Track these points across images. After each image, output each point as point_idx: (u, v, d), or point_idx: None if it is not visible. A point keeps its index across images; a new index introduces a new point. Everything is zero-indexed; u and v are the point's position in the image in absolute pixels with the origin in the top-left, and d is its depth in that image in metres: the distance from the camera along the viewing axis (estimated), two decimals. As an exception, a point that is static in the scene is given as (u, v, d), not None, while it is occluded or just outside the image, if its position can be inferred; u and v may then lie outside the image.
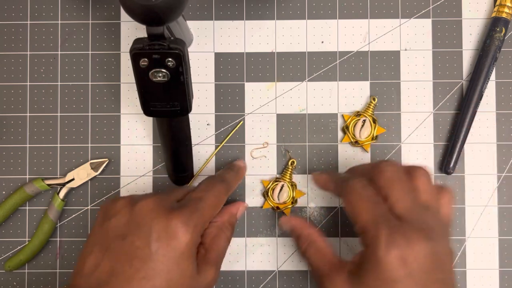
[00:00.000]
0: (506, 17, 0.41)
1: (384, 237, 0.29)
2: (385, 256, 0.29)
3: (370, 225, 0.30)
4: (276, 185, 0.41)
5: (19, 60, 0.42)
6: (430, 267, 0.29)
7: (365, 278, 0.30)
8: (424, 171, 0.33)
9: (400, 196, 0.32)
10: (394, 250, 0.29)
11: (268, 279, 0.42)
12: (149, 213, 0.32)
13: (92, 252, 0.32)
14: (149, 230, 0.31)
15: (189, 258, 0.32)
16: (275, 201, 0.41)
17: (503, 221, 0.42)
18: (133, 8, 0.28)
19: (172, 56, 0.31)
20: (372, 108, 0.41)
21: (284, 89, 0.42)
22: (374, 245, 0.30)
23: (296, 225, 0.37)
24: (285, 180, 0.41)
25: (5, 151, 0.42)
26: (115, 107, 0.42)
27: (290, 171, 0.41)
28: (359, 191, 0.32)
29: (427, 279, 0.29)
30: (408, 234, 0.29)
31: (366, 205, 0.31)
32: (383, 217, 0.31)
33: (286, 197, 0.41)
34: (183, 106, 0.34)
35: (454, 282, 0.32)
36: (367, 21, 0.43)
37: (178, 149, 0.38)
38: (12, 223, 0.42)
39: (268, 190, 0.41)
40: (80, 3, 0.43)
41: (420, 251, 0.29)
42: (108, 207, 0.34)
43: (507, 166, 0.42)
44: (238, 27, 0.43)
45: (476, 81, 0.41)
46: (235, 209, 0.39)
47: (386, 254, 0.29)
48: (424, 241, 0.29)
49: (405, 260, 0.29)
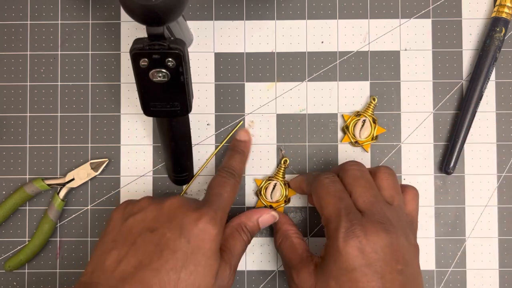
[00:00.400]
0: (506, 17, 0.41)
1: (344, 229, 0.31)
2: (344, 246, 0.31)
3: (333, 217, 0.32)
4: (268, 184, 0.41)
5: (19, 60, 0.42)
6: (389, 258, 0.31)
7: (327, 268, 0.32)
8: (387, 170, 0.35)
9: (362, 192, 0.33)
10: (353, 240, 0.31)
11: (268, 279, 0.42)
12: (179, 208, 0.33)
13: (113, 248, 0.32)
14: (181, 223, 0.32)
15: (215, 254, 0.32)
16: (268, 200, 0.41)
17: (503, 221, 0.42)
18: (133, 8, 0.28)
19: (172, 56, 0.31)
20: (372, 108, 0.41)
21: (284, 89, 0.42)
22: (334, 236, 0.32)
23: (279, 220, 0.39)
24: (278, 179, 0.41)
25: (5, 151, 0.42)
26: (115, 107, 0.42)
27: (283, 170, 0.41)
28: (326, 186, 0.34)
29: (385, 269, 0.30)
30: (367, 227, 0.31)
31: (331, 199, 0.33)
32: (345, 210, 0.32)
33: (279, 196, 0.41)
34: (183, 106, 0.34)
35: (418, 277, 0.33)
36: (367, 21, 0.43)
37: (178, 149, 0.38)
38: (12, 223, 0.42)
39: (261, 189, 0.41)
40: (80, 3, 0.43)
41: (377, 242, 0.31)
42: (129, 206, 0.35)
43: (507, 166, 0.42)
44: (238, 27, 0.43)
45: (476, 81, 0.41)
46: (257, 214, 0.38)
47: (345, 245, 0.31)
48: (383, 233, 0.31)
49: (363, 250, 0.31)
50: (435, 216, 0.42)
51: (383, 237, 0.31)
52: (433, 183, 0.42)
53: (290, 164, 0.42)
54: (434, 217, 0.42)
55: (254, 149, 0.42)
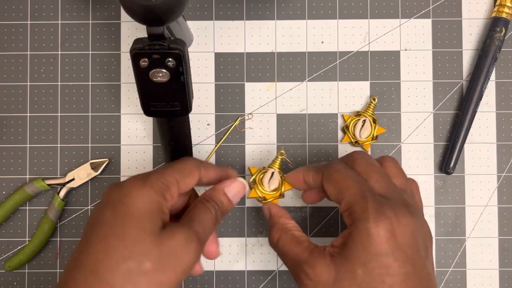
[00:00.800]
0: (506, 17, 0.41)
1: (373, 210, 0.29)
2: (375, 227, 0.28)
3: (358, 199, 0.30)
4: (265, 172, 0.39)
5: (19, 60, 0.42)
6: (417, 244, 0.29)
7: (352, 255, 0.29)
8: (393, 159, 0.34)
9: (379, 178, 0.32)
10: (384, 222, 0.29)
11: (268, 279, 0.42)
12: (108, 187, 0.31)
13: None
14: (107, 198, 0.30)
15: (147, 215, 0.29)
16: (265, 188, 0.39)
17: (503, 221, 0.42)
18: (133, 8, 0.28)
19: (172, 56, 0.31)
20: (372, 108, 0.41)
21: (284, 89, 0.42)
22: (363, 218, 0.29)
23: (275, 213, 0.35)
24: (275, 168, 0.39)
25: (5, 151, 0.42)
26: (115, 107, 0.42)
27: (279, 161, 0.39)
28: (343, 170, 0.32)
29: (415, 255, 0.29)
30: (396, 209, 0.29)
31: (351, 182, 0.31)
32: (371, 192, 0.30)
33: (277, 184, 0.38)
34: (183, 106, 0.34)
35: (433, 267, 0.31)
36: (367, 21, 0.43)
37: (178, 149, 0.38)
38: (12, 223, 0.42)
39: (256, 178, 0.39)
40: (80, 3, 0.43)
41: (407, 226, 0.29)
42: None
43: (507, 166, 0.42)
44: (238, 27, 0.43)
45: (476, 81, 0.41)
46: (221, 185, 0.34)
47: (375, 226, 0.28)
48: (410, 216, 0.29)
49: (394, 233, 0.29)
50: (435, 216, 0.42)
51: (412, 220, 0.29)
52: (433, 183, 0.42)
53: (290, 164, 0.42)
54: (434, 217, 0.42)
55: (254, 149, 0.42)
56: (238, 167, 0.42)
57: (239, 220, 0.42)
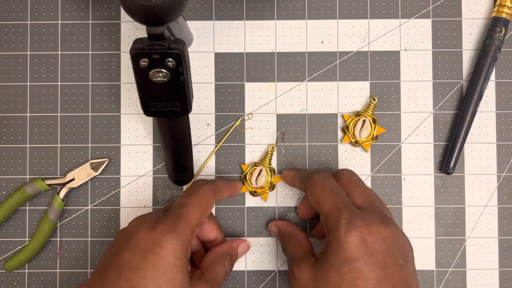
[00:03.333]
0: (506, 17, 0.41)
1: (345, 220, 0.32)
2: (345, 236, 0.31)
3: (333, 211, 0.33)
4: (254, 169, 0.41)
5: (19, 60, 0.42)
6: (390, 251, 0.31)
7: (327, 260, 0.31)
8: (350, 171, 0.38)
9: (361, 192, 0.35)
10: (354, 231, 0.31)
11: (268, 279, 0.42)
12: (136, 226, 0.33)
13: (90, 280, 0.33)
14: (137, 241, 0.32)
15: (177, 267, 0.31)
16: (252, 185, 0.41)
17: (503, 221, 0.42)
18: (133, 8, 0.28)
19: (172, 56, 0.31)
20: (372, 108, 0.41)
21: (284, 89, 0.42)
22: (335, 228, 0.32)
23: (282, 226, 0.40)
24: (264, 165, 0.41)
25: (5, 151, 0.42)
26: (115, 107, 0.42)
27: (269, 156, 0.41)
28: (322, 183, 0.35)
29: (387, 261, 0.31)
30: (368, 219, 0.32)
31: (328, 194, 0.34)
32: (344, 203, 0.33)
33: (264, 182, 0.41)
34: (183, 106, 0.34)
35: (416, 276, 0.33)
36: (367, 21, 0.43)
37: (178, 149, 0.38)
38: (12, 223, 0.42)
39: (246, 174, 0.41)
40: (80, 3, 0.43)
41: (378, 233, 0.31)
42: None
43: (507, 166, 0.42)
44: (238, 27, 0.43)
45: (476, 81, 0.41)
46: (236, 243, 0.39)
47: (346, 235, 0.31)
48: (383, 226, 0.32)
49: (365, 240, 0.31)
50: (435, 216, 0.42)
51: (384, 229, 0.31)
52: (433, 183, 0.42)
53: (290, 164, 0.42)
54: (434, 217, 0.42)
55: (254, 149, 0.42)
56: (238, 167, 0.42)
57: (239, 220, 0.42)
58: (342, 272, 0.30)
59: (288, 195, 0.42)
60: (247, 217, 0.42)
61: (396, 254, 0.31)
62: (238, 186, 0.40)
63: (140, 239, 0.32)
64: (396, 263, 0.31)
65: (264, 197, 0.41)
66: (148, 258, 0.31)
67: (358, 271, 0.30)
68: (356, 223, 0.31)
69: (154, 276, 0.31)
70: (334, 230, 0.32)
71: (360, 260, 0.30)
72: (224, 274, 0.36)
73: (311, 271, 0.32)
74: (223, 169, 0.42)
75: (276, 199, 0.42)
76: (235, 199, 0.42)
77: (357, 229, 0.31)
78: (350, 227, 0.31)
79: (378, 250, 0.31)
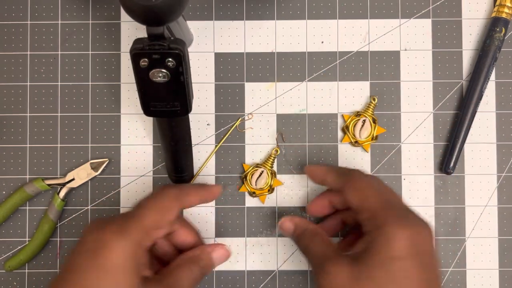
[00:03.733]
0: (506, 17, 0.41)
1: (396, 218, 0.31)
2: (396, 234, 0.30)
3: (380, 208, 0.32)
4: (255, 170, 0.41)
5: (19, 60, 0.42)
6: (433, 252, 0.31)
7: (372, 258, 0.30)
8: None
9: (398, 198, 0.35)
10: (406, 229, 0.30)
11: (268, 279, 0.42)
12: (87, 228, 0.32)
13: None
14: (84, 243, 0.31)
15: (125, 269, 0.30)
16: (252, 186, 0.41)
17: (503, 221, 0.42)
18: (133, 8, 0.28)
19: (172, 56, 0.31)
20: (372, 108, 0.41)
21: (284, 89, 0.42)
22: (386, 225, 0.31)
23: (300, 222, 0.37)
24: (266, 166, 0.41)
25: (5, 151, 0.42)
26: (115, 107, 0.42)
27: (272, 159, 0.41)
28: (366, 179, 0.34)
29: (430, 262, 0.31)
30: (416, 220, 0.32)
31: (374, 192, 0.33)
32: (392, 203, 0.33)
33: (264, 184, 0.41)
34: (183, 106, 0.34)
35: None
36: (367, 21, 0.43)
37: (178, 149, 0.38)
38: (12, 223, 0.42)
39: (246, 174, 0.41)
40: (80, 3, 0.43)
41: (427, 235, 0.31)
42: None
43: (507, 166, 0.42)
44: (238, 27, 0.43)
45: (476, 81, 0.41)
46: (210, 248, 0.37)
47: (397, 233, 0.30)
48: (428, 228, 0.32)
49: (415, 240, 0.30)
50: (435, 216, 0.42)
51: (429, 231, 0.32)
52: (433, 183, 0.42)
53: (290, 164, 0.42)
54: (434, 217, 0.42)
55: (254, 149, 0.42)
56: (238, 167, 0.42)
57: (239, 220, 0.42)
58: (390, 270, 0.29)
59: (288, 195, 0.42)
60: (247, 217, 0.42)
61: (435, 256, 0.32)
62: (215, 191, 0.37)
63: (87, 240, 0.31)
64: (435, 266, 0.31)
65: (262, 199, 0.41)
66: (92, 260, 0.30)
67: (406, 270, 0.29)
68: (408, 222, 0.31)
69: (98, 278, 0.29)
70: (384, 227, 0.31)
71: (409, 260, 0.30)
72: (190, 280, 0.34)
73: (349, 269, 0.31)
74: (223, 169, 0.42)
75: (276, 199, 0.42)
76: (235, 199, 0.42)
77: (409, 228, 0.30)
78: (401, 224, 0.31)
79: (425, 251, 0.31)
